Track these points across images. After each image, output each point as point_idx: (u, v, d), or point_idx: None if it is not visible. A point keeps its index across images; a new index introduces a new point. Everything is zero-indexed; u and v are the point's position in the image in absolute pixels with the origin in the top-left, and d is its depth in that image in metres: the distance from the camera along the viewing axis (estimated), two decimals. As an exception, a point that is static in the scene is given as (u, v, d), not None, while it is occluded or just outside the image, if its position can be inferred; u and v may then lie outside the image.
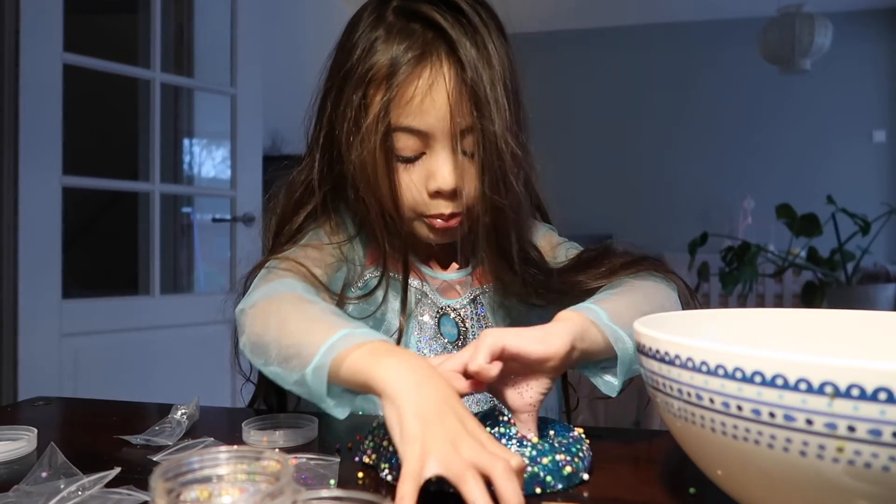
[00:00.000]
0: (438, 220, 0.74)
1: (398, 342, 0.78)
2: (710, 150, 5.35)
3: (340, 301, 0.79)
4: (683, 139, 5.39)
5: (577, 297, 0.72)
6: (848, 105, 5.14)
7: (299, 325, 0.58)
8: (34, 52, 1.80)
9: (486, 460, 0.44)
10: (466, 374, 0.54)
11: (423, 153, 0.72)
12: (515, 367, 0.57)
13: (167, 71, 2.32)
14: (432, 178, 0.72)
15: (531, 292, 0.76)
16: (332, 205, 0.81)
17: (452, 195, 0.72)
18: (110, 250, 2.97)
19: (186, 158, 2.76)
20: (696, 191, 5.35)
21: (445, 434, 0.45)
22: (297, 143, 0.86)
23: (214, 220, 2.71)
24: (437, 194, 0.72)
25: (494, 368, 0.54)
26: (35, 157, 1.81)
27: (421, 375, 0.49)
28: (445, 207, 0.73)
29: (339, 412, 0.55)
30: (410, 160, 0.72)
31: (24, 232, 1.79)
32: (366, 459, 0.56)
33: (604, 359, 0.63)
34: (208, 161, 2.97)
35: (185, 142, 2.72)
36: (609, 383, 0.63)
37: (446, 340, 0.79)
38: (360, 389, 0.53)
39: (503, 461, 0.44)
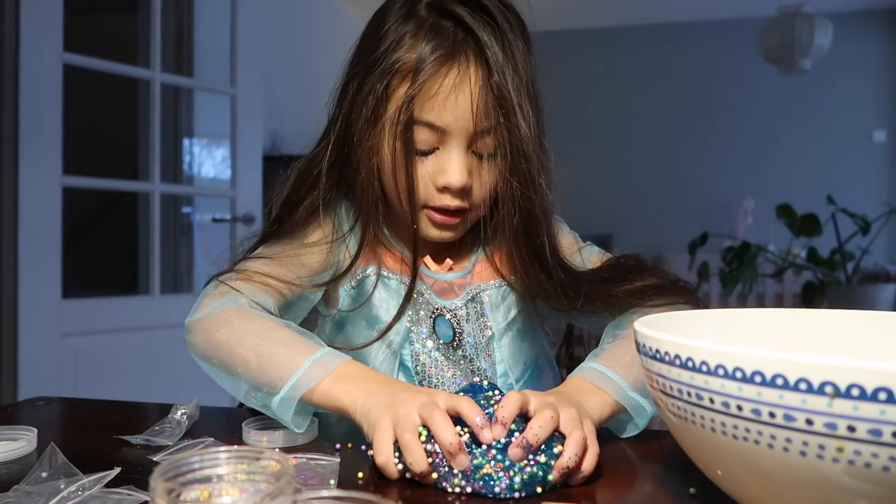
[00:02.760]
0: (440, 215, 0.75)
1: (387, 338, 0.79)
2: (710, 150, 5.34)
3: (333, 303, 0.80)
4: (683, 139, 5.38)
5: (603, 303, 0.75)
6: (848, 105, 5.14)
7: (259, 356, 0.63)
8: (34, 52, 1.80)
9: (425, 409, 0.54)
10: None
11: (437, 148, 0.73)
12: None
13: (167, 71, 2.32)
14: (442, 174, 0.73)
15: (561, 295, 0.75)
16: (333, 198, 0.81)
17: (460, 192, 0.74)
18: (110, 250, 2.97)
19: (186, 158, 2.76)
20: (696, 191, 5.35)
21: (394, 405, 0.56)
22: (297, 143, 0.86)
23: (214, 220, 2.71)
24: (445, 189, 0.74)
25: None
26: (35, 157, 1.81)
27: (374, 391, 0.59)
28: (451, 201, 0.74)
29: (297, 427, 0.63)
30: (424, 153, 0.73)
31: (24, 232, 1.79)
32: (370, 452, 0.56)
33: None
34: (208, 161, 2.97)
35: (185, 142, 2.72)
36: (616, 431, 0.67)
37: (441, 341, 0.79)
38: (327, 410, 0.62)
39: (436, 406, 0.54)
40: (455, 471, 0.51)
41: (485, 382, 0.61)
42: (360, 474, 0.55)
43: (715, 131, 5.34)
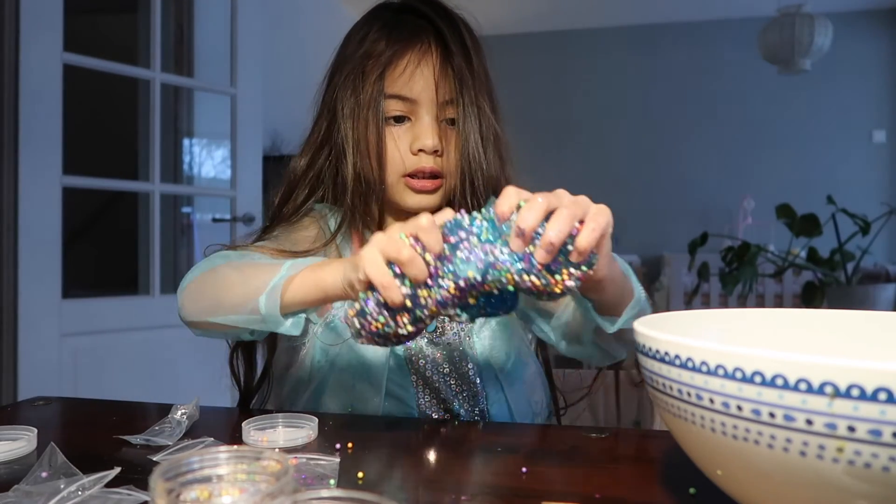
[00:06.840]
0: (418, 181, 0.81)
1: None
2: (710, 150, 5.34)
3: (322, 311, 0.82)
4: (684, 139, 5.38)
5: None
6: (848, 105, 5.13)
7: (244, 276, 0.66)
8: (34, 52, 1.80)
9: (408, 226, 0.52)
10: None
11: (410, 119, 0.82)
12: None
13: (167, 71, 2.32)
14: (416, 139, 0.81)
15: None
16: (319, 205, 0.87)
17: (434, 154, 0.81)
18: (110, 250, 2.97)
19: (186, 158, 2.76)
20: (696, 191, 5.35)
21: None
22: (297, 143, 0.88)
23: (214, 220, 2.71)
24: (419, 152, 0.81)
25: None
26: (35, 157, 1.81)
27: (354, 257, 0.57)
28: (426, 162, 0.81)
29: (295, 329, 0.65)
30: (399, 122, 0.82)
31: (24, 232, 1.79)
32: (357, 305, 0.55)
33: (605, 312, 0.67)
34: (208, 161, 2.97)
35: (185, 142, 2.72)
36: (607, 323, 0.67)
37: (426, 331, 0.83)
38: (311, 298, 0.62)
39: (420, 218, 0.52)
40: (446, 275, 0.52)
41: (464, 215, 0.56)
42: (360, 474, 0.55)
43: (715, 131, 5.33)
